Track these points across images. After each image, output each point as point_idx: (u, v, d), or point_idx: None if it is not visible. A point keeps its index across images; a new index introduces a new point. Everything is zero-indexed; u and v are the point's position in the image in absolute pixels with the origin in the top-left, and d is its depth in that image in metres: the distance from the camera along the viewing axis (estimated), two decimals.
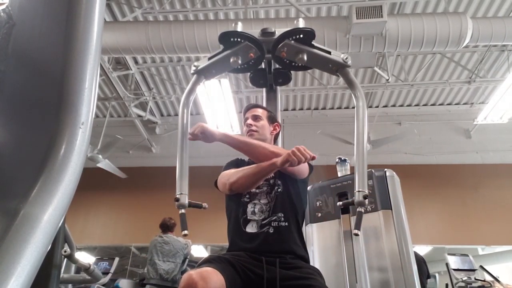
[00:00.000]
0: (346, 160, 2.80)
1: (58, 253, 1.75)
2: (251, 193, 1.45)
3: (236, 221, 1.42)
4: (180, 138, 1.59)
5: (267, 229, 1.37)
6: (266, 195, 1.45)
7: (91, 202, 6.27)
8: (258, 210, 1.41)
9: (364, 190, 1.42)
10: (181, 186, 1.45)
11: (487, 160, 6.36)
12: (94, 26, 0.50)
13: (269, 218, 1.39)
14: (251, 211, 1.41)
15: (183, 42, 3.96)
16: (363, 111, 1.60)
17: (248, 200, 1.44)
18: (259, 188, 1.46)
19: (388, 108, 6.83)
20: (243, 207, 1.43)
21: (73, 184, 0.47)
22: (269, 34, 1.75)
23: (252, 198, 1.44)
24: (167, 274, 4.00)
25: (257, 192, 1.45)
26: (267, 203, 1.43)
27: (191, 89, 1.71)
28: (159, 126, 7.17)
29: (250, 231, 1.38)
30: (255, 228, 1.38)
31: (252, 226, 1.39)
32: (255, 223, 1.39)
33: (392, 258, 2.07)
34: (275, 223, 1.39)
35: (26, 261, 0.39)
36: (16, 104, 0.54)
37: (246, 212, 1.42)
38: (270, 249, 1.33)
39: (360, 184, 1.43)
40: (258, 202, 1.43)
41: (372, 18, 3.64)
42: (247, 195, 1.45)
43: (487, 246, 6.19)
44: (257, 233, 1.37)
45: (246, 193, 1.45)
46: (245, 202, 1.44)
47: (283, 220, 1.41)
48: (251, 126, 1.61)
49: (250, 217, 1.41)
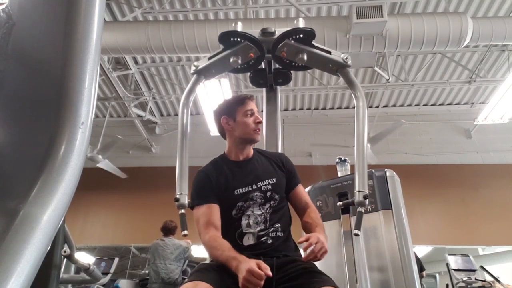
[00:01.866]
0: (346, 160, 2.80)
1: (57, 253, 1.75)
2: (241, 207, 1.37)
3: (229, 236, 1.33)
4: (180, 138, 1.59)
5: (265, 240, 1.34)
6: (259, 206, 1.38)
7: (91, 202, 6.27)
8: (253, 222, 1.36)
9: (364, 190, 1.42)
10: (181, 186, 1.45)
11: (488, 160, 6.36)
12: (93, 26, 0.50)
13: (266, 230, 1.35)
14: (245, 224, 1.35)
15: (183, 42, 3.96)
16: (363, 111, 1.60)
17: (240, 214, 1.37)
18: (252, 200, 1.38)
19: (388, 108, 6.83)
20: (236, 222, 1.36)
21: (73, 184, 0.47)
22: (269, 34, 1.75)
23: (243, 211, 1.37)
24: (169, 277, 4.02)
25: (249, 203, 1.38)
26: (261, 214, 1.37)
27: (191, 89, 1.71)
28: (159, 126, 7.17)
29: (247, 244, 1.33)
30: (251, 240, 1.34)
31: (249, 239, 1.34)
32: (251, 235, 1.34)
33: (392, 258, 2.07)
34: (273, 233, 1.35)
35: (26, 261, 0.38)
36: (15, 103, 0.54)
37: (240, 226, 1.35)
38: (268, 255, 1.31)
39: (360, 184, 1.43)
40: (252, 214, 1.37)
41: (372, 18, 3.64)
42: (237, 209, 1.37)
43: (488, 246, 6.19)
44: (255, 244, 1.33)
45: (235, 206, 1.37)
46: (237, 217, 1.36)
47: (280, 230, 1.37)
48: (259, 124, 1.48)
49: (245, 230, 1.35)
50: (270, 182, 1.43)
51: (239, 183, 1.42)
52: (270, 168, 1.50)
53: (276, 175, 1.47)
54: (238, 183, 1.42)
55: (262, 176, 1.44)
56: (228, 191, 1.40)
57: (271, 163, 1.53)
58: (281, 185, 1.46)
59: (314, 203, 2.55)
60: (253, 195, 1.39)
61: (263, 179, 1.43)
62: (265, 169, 1.49)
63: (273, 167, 1.51)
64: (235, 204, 1.38)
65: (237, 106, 1.49)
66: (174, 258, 4.13)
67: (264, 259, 1.24)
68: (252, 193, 1.40)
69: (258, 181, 1.42)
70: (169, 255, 4.12)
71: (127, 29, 4.08)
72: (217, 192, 1.39)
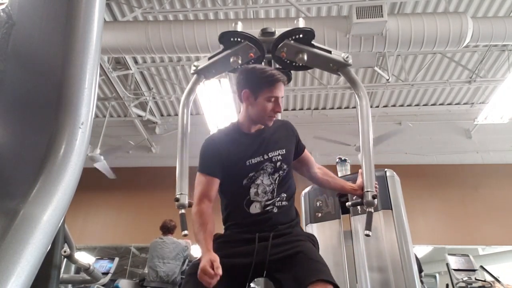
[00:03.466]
0: (346, 160, 2.80)
1: (57, 253, 1.75)
2: (252, 176, 1.42)
3: (237, 202, 1.41)
4: (180, 138, 1.59)
5: (271, 209, 1.39)
6: (269, 176, 1.42)
7: (91, 202, 6.27)
8: (261, 192, 1.41)
9: (373, 190, 1.42)
10: (181, 186, 1.45)
11: (488, 160, 6.36)
12: (93, 26, 0.50)
13: (273, 200, 1.41)
14: (254, 193, 1.40)
15: (183, 42, 3.96)
16: (366, 110, 1.60)
17: (249, 183, 1.41)
18: (262, 170, 1.42)
19: (388, 108, 6.83)
20: (245, 190, 1.41)
21: (73, 184, 0.47)
22: (269, 34, 1.75)
23: (253, 180, 1.41)
24: (167, 276, 4.00)
25: (260, 173, 1.42)
26: (269, 184, 1.42)
27: (191, 89, 1.72)
28: (159, 126, 7.17)
29: (253, 212, 1.39)
30: (258, 208, 1.39)
31: (256, 207, 1.39)
32: (258, 204, 1.40)
33: (392, 258, 2.07)
34: (278, 203, 1.41)
35: (26, 261, 0.38)
36: (15, 103, 0.54)
37: (249, 194, 1.40)
38: (271, 224, 1.38)
39: (368, 184, 1.43)
40: (261, 183, 1.41)
41: (373, 18, 3.64)
42: (248, 179, 1.42)
43: (488, 246, 6.19)
44: (261, 213, 1.39)
45: (246, 176, 1.42)
46: (246, 185, 1.41)
47: (285, 199, 1.43)
48: (276, 113, 1.46)
49: (253, 199, 1.40)
50: (280, 153, 1.46)
51: (251, 154, 1.43)
52: (281, 137, 1.52)
53: (286, 145, 1.50)
54: (250, 154, 1.43)
55: (273, 147, 1.47)
56: (241, 162, 1.42)
57: (282, 131, 1.54)
58: (290, 155, 1.51)
59: (314, 203, 2.56)
60: (263, 165, 1.43)
61: (274, 150, 1.46)
62: (276, 139, 1.50)
63: (284, 136, 1.53)
64: (247, 174, 1.41)
65: (263, 86, 1.41)
66: (173, 257, 4.11)
67: (260, 235, 1.32)
68: (263, 163, 1.43)
69: (269, 151, 1.45)
70: (168, 253, 4.11)
71: (127, 29, 4.08)
72: (226, 163, 1.41)
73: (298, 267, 1.23)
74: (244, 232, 1.38)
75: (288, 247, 1.30)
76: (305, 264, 1.23)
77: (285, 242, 1.33)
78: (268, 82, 1.40)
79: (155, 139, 7.06)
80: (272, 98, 1.40)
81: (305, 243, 1.33)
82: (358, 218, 2.28)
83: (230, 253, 1.31)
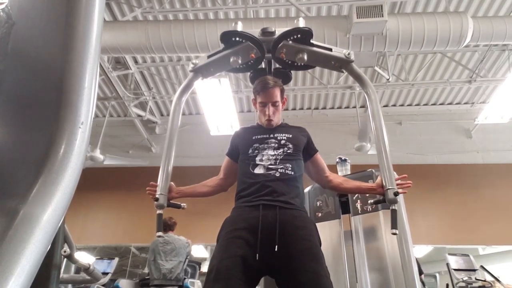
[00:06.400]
0: (346, 160, 2.80)
1: (57, 253, 1.75)
2: (258, 147, 1.57)
3: (245, 167, 1.55)
4: (168, 137, 1.62)
5: (273, 172, 1.48)
6: (273, 149, 1.55)
7: (91, 202, 6.27)
8: (265, 158, 1.53)
9: (394, 187, 1.39)
10: (162, 186, 1.46)
11: (488, 160, 6.36)
12: (93, 26, 0.50)
13: (276, 165, 1.50)
14: (259, 159, 1.54)
15: (183, 42, 3.95)
16: (376, 107, 1.59)
17: (256, 154, 1.56)
18: (267, 143, 1.57)
19: (388, 107, 6.82)
20: (251, 159, 1.55)
21: (73, 184, 0.47)
22: (269, 34, 1.74)
23: (259, 151, 1.56)
24: (171, 273, 3.98)
25: (264, 146, 1.57)
26: (273, 154, 1.54)
27: (186, 86, 1.72)
28: (159, 126, 7.16)
29: (258, 172, 1.50)
30: (262, 170, 1.50)
31: (260, 169, 1.51)
32: (262, 167, 1.51)
33: (392, 258, 2.07)
34: (282, 169, 1.49)
35: (26, 261, 0.38)
36: (15, 103, 0.54)
37: (254, 160, 1.54)
38: (273, 190, 1.42)
39: (388, 182, 1.40)
40: (265, 153, 1.54)
41: (373, 17, 3.64)
42: (253, 149, 1.58)
43: (488, 246, 6.19)
44: (264, 174, 1.49)
45: (251, 146, 1.58)
46: (253, 156, 1.56)
47: (290, 170, 1.50)
48: (271, 116, 1.62)
49: (258, 163, 1.53)
50: (286, 136, 1.61)
51: (258, 133, 1.64)
52: (291, 131, 1.66)
53: (295, 134, 1.64)
54: (258, 133, 1.64)
55: (280, 131, 1.63)
56: (249, 138, 1.62)
57: (294, 130, 1.69)
58: (297, 142, 1.61)
59: (314, 203, 2.56)
60: (268, 140, 1.59)
61: (281, 133, 1.62)
62: (286, 130, 1.65)
63: (294, 131, 1.67)
64: (252, 144, 1.59)
65: (256, 94, 1.66)
66: (175, 254, 4.10)
67: (264, 204, 1.39)
68: (268, 139, 1.60)
69: (276, 133, 1.62)
70: (170, 250, 4.10)
71: (127, 29, 4.07)
72: (240, 145, 1.64)
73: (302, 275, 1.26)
74: (248, 202, 1.44)
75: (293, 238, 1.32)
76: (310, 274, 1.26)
77: (291, 239, 1.33)
78: (256, 90, 1.64)
79: (155, 139, 7.05)
80: (262, 104, 1.62)
81: (314, 243, 1.36)
82: (358, 218, 2.28)
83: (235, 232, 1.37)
